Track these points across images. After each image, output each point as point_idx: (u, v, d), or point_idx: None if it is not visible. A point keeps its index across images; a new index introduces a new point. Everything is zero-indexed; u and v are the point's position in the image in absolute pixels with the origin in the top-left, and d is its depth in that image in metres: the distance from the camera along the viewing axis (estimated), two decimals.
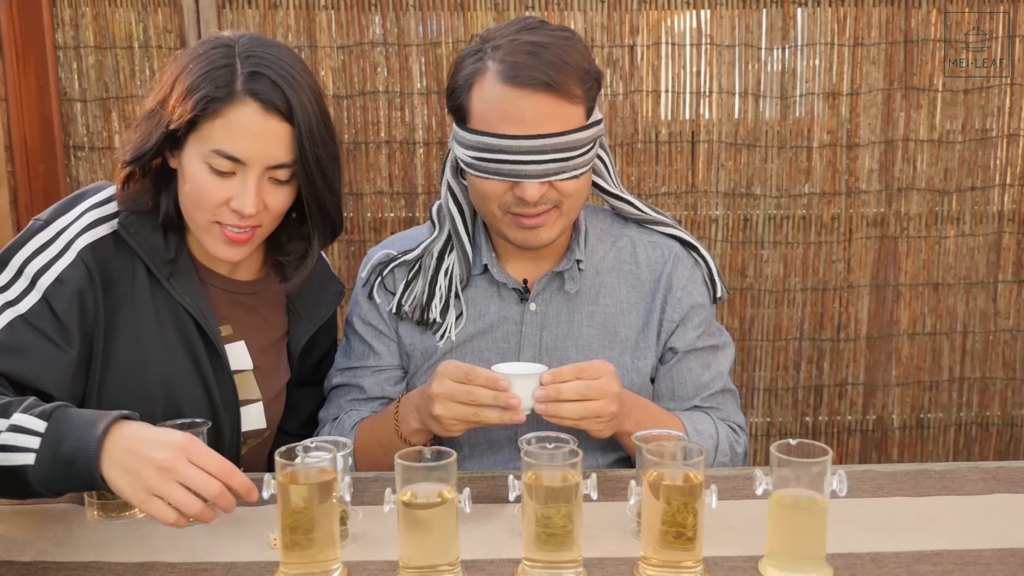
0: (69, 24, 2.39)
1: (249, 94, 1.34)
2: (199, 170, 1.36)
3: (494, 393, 1.31)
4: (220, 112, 1.33)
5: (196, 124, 1.34)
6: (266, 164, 1.36)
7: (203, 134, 1.34)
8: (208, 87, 1.33)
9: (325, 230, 1.50)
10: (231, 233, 1.39)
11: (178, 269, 1.44)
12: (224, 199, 1.36)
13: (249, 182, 1.35)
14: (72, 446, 1.14)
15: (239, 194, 1.35)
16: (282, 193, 1.41)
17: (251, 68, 1.35)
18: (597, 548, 1.17)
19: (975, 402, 2.68)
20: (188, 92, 1.34)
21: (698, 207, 2.53)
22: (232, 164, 1.35)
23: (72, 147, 2.46)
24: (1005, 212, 2.57)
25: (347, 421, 1.60)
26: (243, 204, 1.35)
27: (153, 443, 1.13)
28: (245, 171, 1.35)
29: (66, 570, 1.15)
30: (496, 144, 1.42)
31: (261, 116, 1.34)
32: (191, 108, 1.33)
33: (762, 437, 2.66)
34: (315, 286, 1.61)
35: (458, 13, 2.40)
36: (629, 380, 1.55)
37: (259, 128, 1.34)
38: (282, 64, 1.37)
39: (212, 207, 1.37)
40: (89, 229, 1.41)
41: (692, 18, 2.45)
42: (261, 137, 1.35)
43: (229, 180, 1.36)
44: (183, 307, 1.43)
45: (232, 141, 1.34)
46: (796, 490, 1.10)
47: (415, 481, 1.08)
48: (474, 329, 1.59)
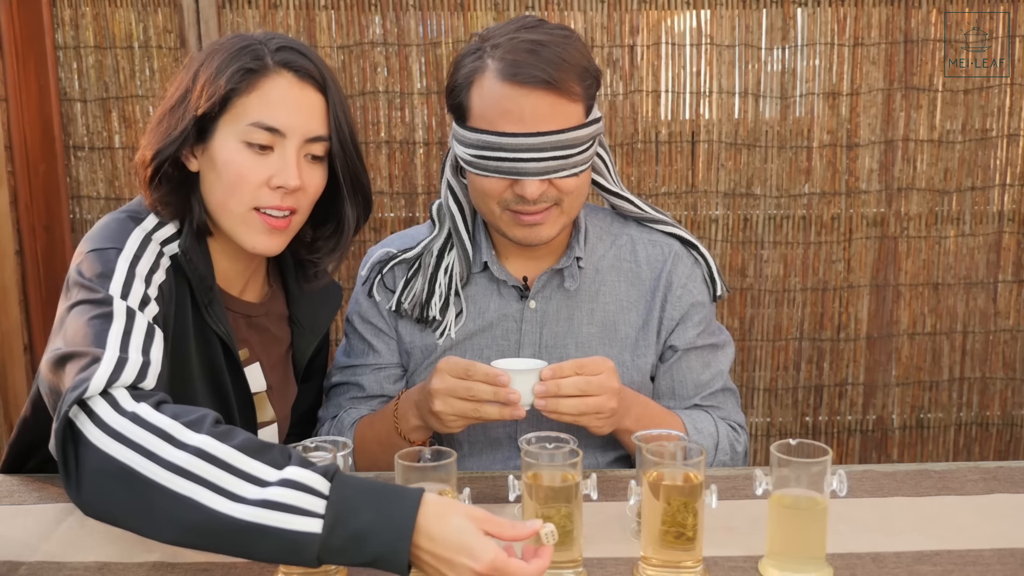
0: (69, 24, 2.39)
1: (282, 65, 1.33)
2: (235, 150, 1.32)
3: (494, 389, 1.31)
4: (255, 85, 1.31)
5: (228, 104, 1.31)
6: (305, 136, 1.33)
7: (237, 112, 1.32)
8: (239, 62, 1.31)
9: (359, 207, 1.46)
10: (272, 219, 1.34)
11: (214, 296, 1.39)
12: (265, 178, 1.32)
13: (289, 155, 1.32)
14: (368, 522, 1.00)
15: (280, 169, 1.32)
16: (317, 173, 1.38)
17: (278, 44, 1.34)
18: (597, 548, 1.17)
19: (975, 402, 2.68)
20: (217, 72, 1.31)
21: (698, 207, 2.53)
22: (271, 137, 1.31)
23: (72, 147, 2.46)
24: (1005, 212, 2.57)
25: (346, 419, 1.60)
26: (287, 178, 1.31)
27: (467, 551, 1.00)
28: (284, 144, 1.32)
29: (66, 570, 1.15)
30: (496, 142, 1.43)
31: (297, 85, 1.33)
32: (225, 83, 1.30)
33: (762, 437, 2.66)
34: (316, 293, 1.59)
35: (458, 13, 2.40)
36: (629, 378, 1.55)
37: (295, 97, 1.33)
38: (303, 44, 1.38)
39: (252, 188, 1.32)
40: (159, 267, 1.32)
41: (692, 18, 2.45)
42: (299, 107, 1.33)
43: (268, 157, 1.32)
44: (216, 333, 1.39)
45: (271, 112, 1.31)
46: (796, 490, 1.10)
47: (415, 481, 1.08)
48: (474, 327, 1.59)
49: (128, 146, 2.44)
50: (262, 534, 1.01)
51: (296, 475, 1.03)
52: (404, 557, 0.99)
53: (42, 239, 2.45)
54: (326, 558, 1.01)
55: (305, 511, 1.01)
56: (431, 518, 1.00)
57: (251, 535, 1.01)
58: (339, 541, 1.00)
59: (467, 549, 0.99)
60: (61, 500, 1.34)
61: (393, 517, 1.00)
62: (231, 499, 1.02)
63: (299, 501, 1.01)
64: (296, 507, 1.01)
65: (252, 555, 1.04)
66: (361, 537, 1.00)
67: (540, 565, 1.00)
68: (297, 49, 1.35)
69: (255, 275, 1.50)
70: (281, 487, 1.02)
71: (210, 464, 1.04)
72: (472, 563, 0.98)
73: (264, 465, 1.04)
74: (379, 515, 1.00)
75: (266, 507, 1.01)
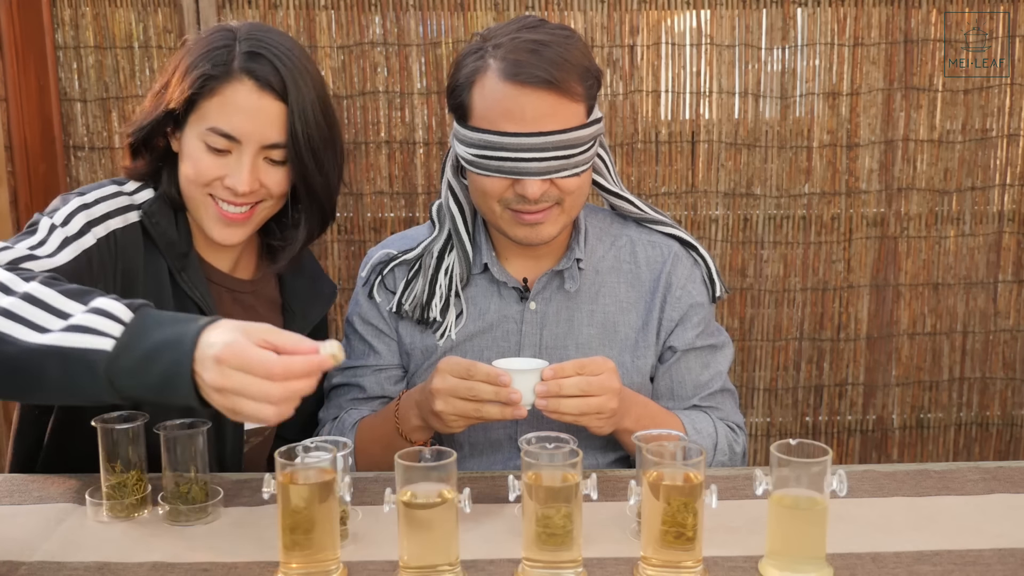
0: (69, 24, 2.39)
1: (245, 72, 1.37)
2: (196, 147, 1.39)
3: (495, 388, 1.31)
4: (216, 90, 1.36)
5: (195, 104, 1.37)
6: (260, 143, 1.38)
7: (200, 113, 1.38)
8: (205, 66, 1.36)
9: (314, 216, 1.49)
10: (227, 211, 1.40)
11: (188, 263, 1.45)
12: (218, 175, 1.39)
13: (244, 160, 1.38)
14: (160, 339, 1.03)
15: (233, 172, 1.38)
16: (279, 174, 1.41)
17: (249, 48, 1.38)
18: (597, 548, 1.17)
19: (975, 402, 2.68)
20: (187, 72, 1.37)
21: (698, 207, 2.53)
22: (227, 142, 1.37)
23: (72, 147, 2.46)
24: (1005, 212, 2.57)
25: (347, 420, 1.60)
26: (236, 182, 1.37)
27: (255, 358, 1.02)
28: (240, 149, 1.38)
29: (66, 570, 1.15)
30: (497, 141, 1.43)
31: (256, 94, 1.37)
32: (188, 87, 1.36)
33: (762, 437, 2.66)
34: (309, 284, 1.61)
35: (458, 13, 2.40)
36: (629, 379, 1.55)
37: (253, 106, 1.37)
38: (281, 47, 1.40)
39: (206, 182, 1.39)
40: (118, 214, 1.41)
41: (692, 18, 2.45)
42: (256, 115, 1.37)
43: (225, 158, 1.38)
44: (193, 301, 1.44)
45: (227, 119, 1.36)
46: (796, 490, 1.09)
47: (415, 481, 1.08)
48: (474, 328, 1.59)
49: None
50: (57, 356, 1.03)
51: (102, 304, 1.06)
52: (187, 369, 1.00)
53: None
54: (117, 380, 1.02)
55: (101, 332, 1.04)
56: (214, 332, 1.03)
57: (46, 358, 1.04)
58: (129, 361, 1.02)
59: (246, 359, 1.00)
60: (61, 500, 1.34)
61: (180, 334, 1.03)
62: (39, 331, 1.06)
63: (97, 324, 1.04)
64: (93, 329, 1.04)
65: (44, 382, 1.06)
66: (149, 357, 1.02)
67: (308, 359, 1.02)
68: (265, 55, 1.38)
69: (246, 254, 1.53)
70: (85, 314, 1.06)
71: (31, 304, 1.08)
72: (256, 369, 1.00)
73: (78, 303, 1.08)
74: (168, 336, 1.03)
75: (67, 331, 1.05)
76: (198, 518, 1.27)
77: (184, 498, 1.27)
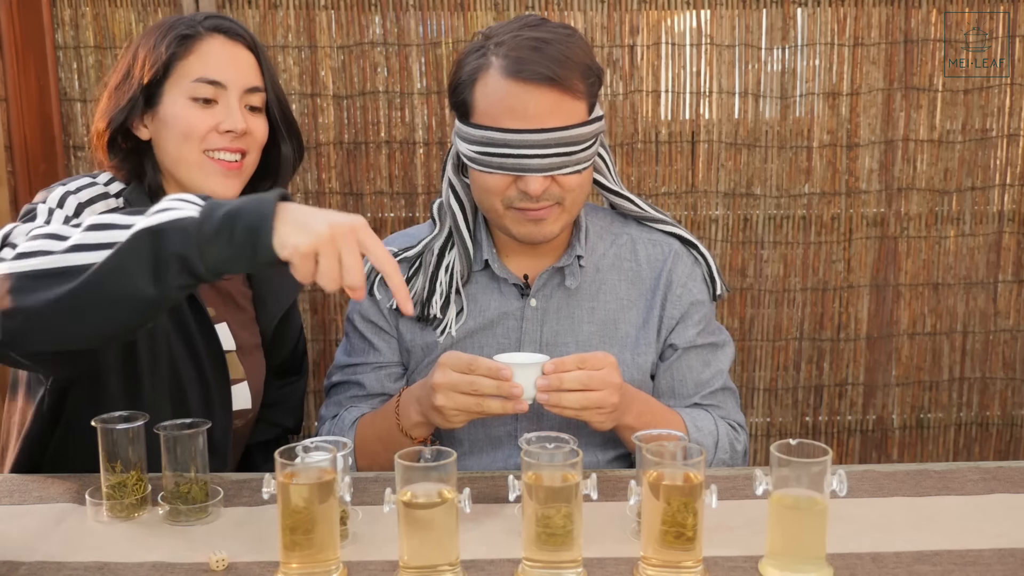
0: (69, 24, 2.39)
1: (213, 29, 1.50)
2: (183, 106, 1.47)
3: (497, 383, 1.32)
4: (191, 48, 1.47)
5: (170, 69, 1.47)
6: (243, 87, 1.50)
7: (180, 74, 1.47)
8: (175, 32, 1.48)
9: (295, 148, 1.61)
10: (224, 162, 1.49)
11: None
12: (212, 125, 1.47)
13: (232, 103, 1.48)
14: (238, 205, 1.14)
15: (225, 116, 1.48)
16: (260, 121, 1.53)
17: (206, 15, 1.53)
18: (597, 548, 1.17)
19: (975, 402, 2.68)
20: (155, 45, 1.47)
21: (698, 207, 2.53)
22: (213, 89, 1.48)
23: (72, 147, 2.45)
24: (1005, 212, 2.57)
25: (347, 417, 1.60)
26: (234, 122, 1.47)
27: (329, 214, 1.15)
28: (226, 95, 1.48)
29: (66, 570, 1.15)
30: (500, 138, 1.43)
31: (230, 44, 1.50)
32: (165, 50, 1.46)
33: (762, 437, 2.66)
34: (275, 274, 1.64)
35: (458, 13, 2.40)
36: (629, 377, 1.55)
37: (229, 54, 1.50)
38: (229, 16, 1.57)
39: (201, 135, 1.47)
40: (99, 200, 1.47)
41: (692, 18, 2.45)
42: (234, 61, 1.50)
43: (212, 108, 1.48)
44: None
45: (210, 68, 1.47)
46: (796, 490, 1.09)
47: (415, 481, 1.08)
48: (474, 325, 1.59)
49: None
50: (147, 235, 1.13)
51: (167, 200, 1.18)
52: (269, 221, 1.11)
53: None
54: (204, 246, 1.12)
55: (182, 208, 1.15)
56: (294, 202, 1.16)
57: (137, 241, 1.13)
58: (213, 224, 1.12)
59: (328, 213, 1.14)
60: (61, 500, 1.34)
61: (260, 199, 1.15)
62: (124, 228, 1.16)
63: (176, 206, 1.16)
64: (174, 208, 1.15)
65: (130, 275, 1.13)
66: (232, 216, 1.12)
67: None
68: (224, 17, 1.53)
69: None
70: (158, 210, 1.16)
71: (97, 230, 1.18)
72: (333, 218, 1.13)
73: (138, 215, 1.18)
74: (247, 201, 1.15)
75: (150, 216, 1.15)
76: (198, 518, 1.27)
77: (184, 498, 1.27)
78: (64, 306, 1.15)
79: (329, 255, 1.12)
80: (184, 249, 1.12)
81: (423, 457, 1.09)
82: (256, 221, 1.12)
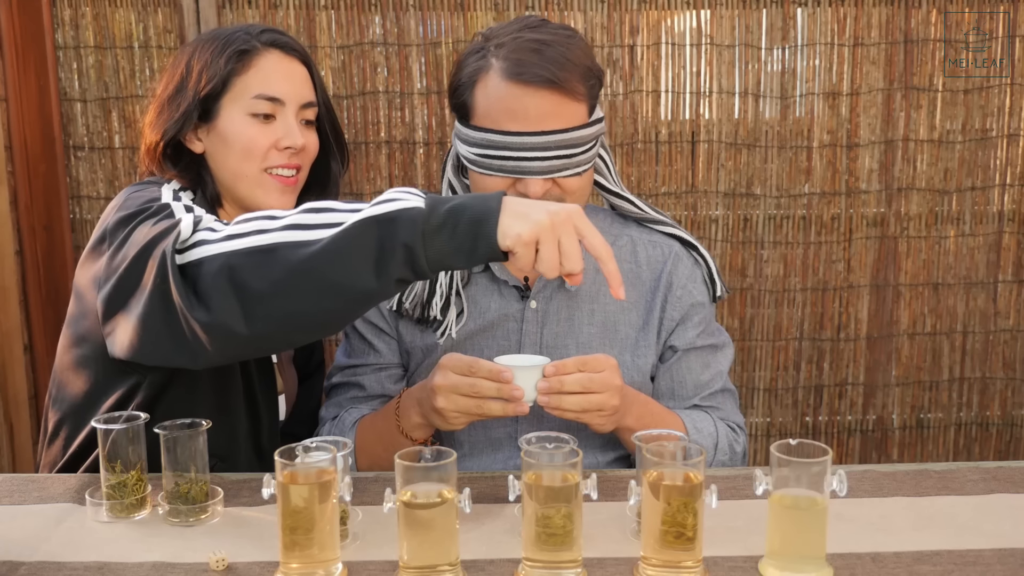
0: (69, 24, 2.39)
1: (270, 44, 1.51)
2: (243, 122, 1.48)
3: (497, 385, 1.32)
4: (250, 63, 1.48)
5: (228, 83, 1.48)
6: (300, 102, 1.51)
7: (238, 89, 1.48)
8: (232, 47, 1.48)
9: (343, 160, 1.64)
10: (283, 177, 1.51)
11: None
12: (272, 142, 1.49)
13: (290, 120, 1.50)
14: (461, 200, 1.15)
15: (285, 133, 1.49)
16: (312, 135, 1.56)
17: (260, 29, 1.53)
18: (597, 548, 1.17)
19: (975, 402, 2.68)
20: (213, 58, 1.48)
21: (698, 207, 2.53)
22: (272, 105, 1.49)
23: (72, 147, 2.45)
24: (1005, 212, 2.57)
25: (347, 419, 1.60)
26: (294, 138, 1.49)
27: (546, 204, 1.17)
28: (284, 111, 1.50)
29: (66, 570, 1.15)
30: (500, 140, 1.43)
31: (286, 59, 1.52)
32: (224, 64, 1.47)
33: (762, 437, 2.65)
34: None
35: (458, 13, 2.40)
36: (629, 378, 1.55)
37: (286, 69, 1.51)
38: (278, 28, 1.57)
39: (262, 152, 1.48)
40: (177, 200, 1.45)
41: (692, 18, 2.45)
42: (291, 77, 1.51)
43: (271, 125, 1.49)
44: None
45: (269, 84, 1.49)
46: (796, 490, 1.10)
47: (415, 481, 1.08)
48: (475, 326, 1.59)
49: (128, 146, 2.44)
50: (372, 224, 1.12)
51: (398, 189, 1.17)
52: (495, 215, 1.12)
53: (42, 239, 2.45)
54: (429, 237, 1.12)
55: (409, 198, 1.14)
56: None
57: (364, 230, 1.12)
58: (439, 217, 1.12)
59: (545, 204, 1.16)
60: (61, 500, 1.34)
61: (483, 195, 1.16)
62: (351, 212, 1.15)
63: (403, 196, 1.15)
64: (401, 199, 1.14)
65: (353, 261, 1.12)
66: (457, 209, 1.13)
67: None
68: (277, 31, 1.54)
69: None
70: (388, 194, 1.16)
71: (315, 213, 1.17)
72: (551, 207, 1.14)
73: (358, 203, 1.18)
74: (470, 197, 1.16)
75: (377, 203, 1.15)
76: (198, 518, 1.27)
77: (184, 498, 1.27)
78: (282, 288, 1.15)
79: (549, 242, 1.13)
80: (411, 239, 1.12)
81: (423, 457, 1.09)
82: (482, 214, 1.13)
